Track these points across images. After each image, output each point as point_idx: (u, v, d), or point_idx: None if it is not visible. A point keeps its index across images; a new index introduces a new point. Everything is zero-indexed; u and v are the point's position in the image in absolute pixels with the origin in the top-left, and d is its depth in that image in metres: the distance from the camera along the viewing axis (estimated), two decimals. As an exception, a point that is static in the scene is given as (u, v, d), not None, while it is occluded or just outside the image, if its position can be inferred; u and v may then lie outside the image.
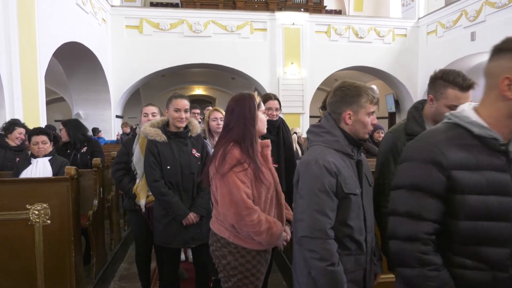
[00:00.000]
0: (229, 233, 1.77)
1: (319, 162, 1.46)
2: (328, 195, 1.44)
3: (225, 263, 1.77)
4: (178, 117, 2.43)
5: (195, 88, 17.75)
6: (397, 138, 1.76)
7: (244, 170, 1.69)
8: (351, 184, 1.49)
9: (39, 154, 3.17)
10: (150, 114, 2.83)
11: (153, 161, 2.39)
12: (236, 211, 1.66)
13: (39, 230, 2.57)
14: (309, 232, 1.44)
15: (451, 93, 1.64)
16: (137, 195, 2.65)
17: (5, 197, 2.53)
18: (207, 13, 11.63)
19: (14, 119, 4.12)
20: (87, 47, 8.92)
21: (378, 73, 13.01)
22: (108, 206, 3.90)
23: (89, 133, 4.04)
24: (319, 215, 1.43)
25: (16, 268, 2.54)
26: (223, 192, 1.71)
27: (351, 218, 1.49)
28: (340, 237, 1.48)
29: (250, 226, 1.66)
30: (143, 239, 2.87)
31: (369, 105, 1.52)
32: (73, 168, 2.70)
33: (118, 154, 2.88)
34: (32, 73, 6.25)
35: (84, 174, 3.31)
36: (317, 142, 1.57)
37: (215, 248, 1.83)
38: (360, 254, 1.54)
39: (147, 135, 2.43)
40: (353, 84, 1.55)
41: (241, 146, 1.72)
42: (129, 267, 3.84)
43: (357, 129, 1.54)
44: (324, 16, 13.40)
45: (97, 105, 10.69)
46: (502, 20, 9.20)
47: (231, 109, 1.80)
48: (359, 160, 1.58)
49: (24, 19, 5.92)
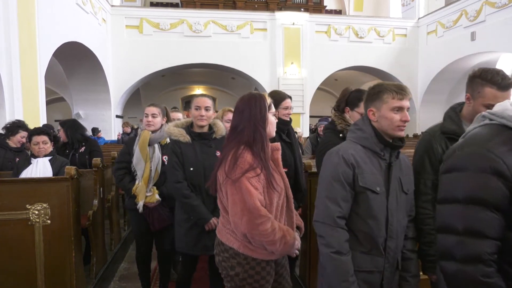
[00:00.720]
0: (238, 244, 1.66)
1: (339, 152, 1.51)
2: (341, 184, 1.47)
3: (233, 275, 1.67)
4: (198, 115, 2.34)
5: (195, 88, 17.75)
6: (432, 138, 1.74)
7: (257, 176, 1.58)
8: (369, 179, 1.48)
9: (40, 154, 3.17)
10: (150, 115, 2.76)
11: (176, 162, 2.31)
12: (249, 220, 1.55)
13: (39, 230, 2.57)
14: (319, 217, 1.49)
15: (488, 92, 1.58)
16: (137, 195, 2.64)
17: (5, 197, 2.53)
18: (207, 13, 11.64)
19: (20, 121, 4.05)
20: (87, 47, 8.92)
21: (378, 73, 13.01)
22: (108, 206, 3.90)
23: (87, 132, 4.04)
24: (330, 203, 1.47)
25: (16, 268, 2.53)
26: (234, 199, 1.58)
27: (370, 216, 1.48)
28: (355, 231, 1.50)
29: (264, 236, 1.55)
30: (143, 239, 2.85)
31: (392, 100, 1.50)
32: (73, 168, 2.69)
33: (120, 153, 2.86)
34: (32, 73, 6.25)
35: (84, 174, 3.30)
36: (350, 138, 1.61)
37: (222, 259, 1.72)
38: (378, 256, 1.51)
39: (170, 134, 2.36)
40: (379, 83, 1.58)
41: (253, 150, 1.62)
42: (129, 267, 3.84)
43: (383, 126, 1.52)
44: (324, 16, 13.40)
45: (97, 105, 10.70)
46: (502, 20, 9.19)
47: (241, 110, 1.69)
48: (390, 163, 1.55)
49: (24, 19, 5.92)
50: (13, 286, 2.54)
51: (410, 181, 1.62)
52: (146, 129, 2.76)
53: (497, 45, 9.35)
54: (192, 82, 16.84)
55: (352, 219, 1.49)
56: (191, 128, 2.41)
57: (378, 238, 1.49)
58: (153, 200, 2.67)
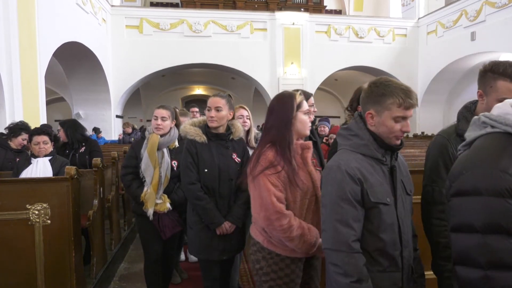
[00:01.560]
0: (263, 238, 1.71)
1: (341, 167, 1.32)
2: (351, 204, 1.30)
3: (258, 268, 1.72)
4: (209, 116, 2.26)
5: (195, 88, 17.75)
6: (447, 140, 1.57)
7: (277, 173, 1.61)
8: (379, 192, 1.33)
9: (40, 154, 3.17)
10: (160, 117, 2.62)
11: (190, 162, 2.21)
12: (265, 215, 1.60)
13: (39, 230, 2.56)
14: (331, 244, 1.31)
15: (501, 85, 1.43)
16: (145, 203, 2.51)
17: (5, 197, 2.52)
18: (207, 13, 11.64)
19: (23, 123, 4.03)
20: (87, 47, 8.92)
21: (378, 73, 12.99)
22: (108, 206, 3.90)
23: (87, 132, 4.03)
24: (342, 226, 1.29)
25: (16, 268, 2.53)
26: (254, 195, 1.67)
27: (383, 230, 1.33)
28: (370, 251, 1.33)
29: (280, 231, 1.58)
30: (153, 247, 2.65)
31: (396, 108, 1.31)
32: (73, 168, 2.69)
33: (127, 157, 2.72)
34: (32, 73, 6.26)
35: (84, 174, 3.30)
36: (344, 146, 1.43)
37: (252, 252, 1.78)
38: (395, 271, 1.37)
39: (186, 134, 2.27)
40: (385, 82, 1.36)
41: (277, 148, 1.65)
42: (129, 267, 3.84)
43: (381, 133, 1.36)
44: (324, 16, 13.41)
45: (97, 105, 10.70)
46: (502, 20, 9.20)
47: (271, 109, 1.73)
48: (393, 166, 1.41)
49: (24, 19, 5.92)
50: (13, 286, 2.54)
51: (410, 180, 1.51)
52: (155, 133, 2.61)
53: (497, 45, 9.35)
54: (192, 82, 16.83)
55: (364, 238, 1.32)
56: (207, 127, 2.30)
57: (394, 251, 1.35)
58: (164, 209, 2.54)
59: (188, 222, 2.32)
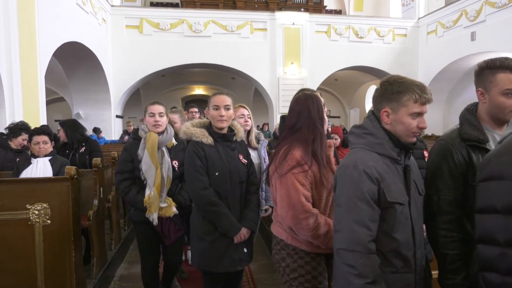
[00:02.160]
0: (286, 235, 1.73)
1: (358, 166, 1.30)
2: (368, 203, 1.28)
3: (284, 266, 1.73)
4: (218, 115, 2.10)
5: (195, 88, 17.75)
6: (452, 146, 1.47)
7: (304, 172, 1.64)
8: (396, 192, 1.31)
9: (40, 154, 3.17)
10: (157, 114, 2.47)
11: (200, 166, 2.05)
12: (293, 214, 1.61)
13: (39, 230, 2.56)
14: (346, 244, 1.28)
15: (502, 77, 1.41)
16: (148, 207, 2.35)
17: (5, 197, 2.53)
18: (207, 13, 11.64)
19: (24, 124, 4.03)
20: (87, 47, 8.92)
21: (378, 73, 13.01)
22: (108, 206, 3.90)
23: (87, 132, 4.04)
24: (358, 226, 1.27)
25: (16, 268, 2.53)
26: (281, 193, 1.67)
27: (397, 231, 1.31)
28: (384, 252, 1.31)
29: (307, 230, 1.61)
30: (152, 254, 2.55)
31: (413, 104, 1.30)
32: (73, 168, 2.69)
33: (121, 161, 2.52)
34: (32, 72, 6.25)
35: (84, 174, 3.30)
36: (358, 144, 1.40)
37: (275, 252, 1.78)
38: (408, 272, 1.35)
39: (192, 135, 2.12)
40: (398, 79, 1.35)
41: (306, 147, 1.68)
42: (129, 267, 3.84)
43: (398, 130, 1.34)
44: (324, 16, 13.40)
45: (97, 105, 10.69)
46: (502, 20, 9.20)
47: (298, 110, 1.77)
48: (407, 165, 1.39)
49: (24, 19, 5.92)
50: (13, 286, 2.54)
51: (421, 180, 1.48)
52: (153, 131, 2.46)
53: (497, 45, 9.35)
54: (192, 82, 16.83)
55: (379, 238, 1.30)
56: (211, 128, 2.18)
57: (408, 252, 1.33)
58: (170, 213, 2.40)
59: (197, 233, 2.11)
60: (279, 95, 11.68)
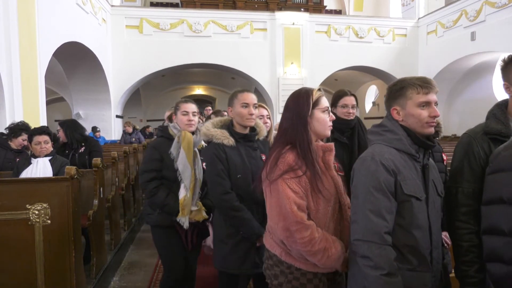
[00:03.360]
0: (280, 250, 1.53)
1: (375, 158, 1.32)
2: (384, 194, 1.28)
3: (277, 284, 1.54)
4: (248, 113, 2.02)
5: (195, 88, 17.74)
6: (473, 139, 1.49)
7: (297, 177, 1.44)
8: (412, 186, 1.32)
9: (41, 154, 3.17)
10: (191, 112, 2.34)
11: (221, 169, 1.97)
12: (284, 226, 1.43)
13: (39, 230, 2.56)
14: (362, 235, 1.27)
15: None
16: (181, 210, 2.23)
17: (5, 197, 2.52)
18: (207, 13, 11.64)
19: (24, 124, 4.01)
20: (87, 47, 8.92)
21: (378, 73, 13.01)
22: (108, 206, 3.90)
23: (87, 132, 4.04)
24: (374, 216, 1.26)
25: (16, 268, 2.53)
26: (271, 202, 1.49)
27: (415, 227, 1.30)
28: (400, 247, 1.30)
29: (301, 244, 1.41)
30: (179, 264, 2.35)
31: (416, 95, 1.35)
32: (73, 168, 2.69)
33: (148, 159, 2.34)
34: (32, 73, 6.25)
35: (84, 174, 3.30)
36: (377, 140, 1.42)
37: (267, 266, 1.60)
38: (425, 272, 1.33)
39: (212, 137, 2.01)
40: (401, 79, 1.43)
41: (297, 150, 1.49)
42: (129, 267, 3.84)
43: (411, 124, 1.38)
44: (324, 16, 13.40)
45: (97, 105, 10.70)
46: (502, 20, 9.19)
47: (286, 107, 1.59)
48: (426, 164, 1.40)
49: (24, 19, 5.92)
50: (13, 286, 2.54)
51: (441, 182, 1.47)
52: (186, 130, 2.33)
53: (497, 45, 9.35)
54: (192, 82, 16.83)
55: (395, 232, 1.29)
56: (232, 128, 2.07)
57: (425, 250, 1.32)
58: (200, 218, 2.29)
59: (220, 236, 2.07)
60: (279, 95, 11.68)
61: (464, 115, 11.33)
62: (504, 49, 9.16)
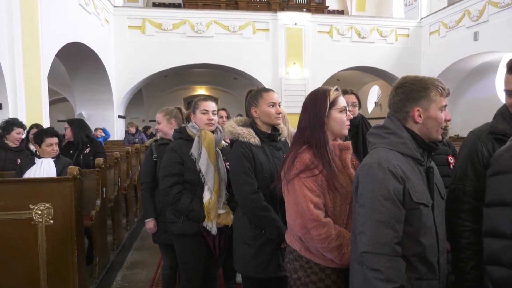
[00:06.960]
0: (300, 245, 1.58)
1: (382, 165, 1.24)
2: (394, 203, 1.21)
3: (296, 278, 1.58)
4: (276, 112, 2.00)
5: (197, 88, 17.77)
6: (478, 138, 1.48)
7: (314, 176, 1.48)
8: (421, 193, 1.27)
9: (52, 156, 3.20)
10: (211, 112, 2.25)
11: (249, 168, 1.93)
12: (301, 223, 1.48)
13: (42, 230, 2.57)
14: (372, 247, 1.20)
15: None
16: (207, 214, 2.12)
17: (8, 197, 2.53)
18: (210, 14, 11.64)
19: (12, 118, 3.99)
20: (90, 48, 8.94)
21: (381, 73, 12.98)
22: (111, 206, 3.91)
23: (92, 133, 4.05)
24: (384, 227, 1.20)
25: (19, 268, 2.54)
26: (289, 200, 1.55)
27: (423, 234, 1.26)
28: (408, 256, 1.24)
29: (318, 241, 1.46)
30: (198, 272, 2.27)
31: (440, 98, 1.30)
32: (76, 168, 2.70)
33: (169, 163, 2.21)
34: (35, 73, 6.28)
35: (87, 174, 3.31)
36: (380, 144, 1.34)
37: (288, 260, 1.65)
38: (433, 279, 1.29)
39: (239, 135, 1.98)
40: (416, 78, 1.34)
41: (314, 149, 1.53)
42: (131, 267, 3.85)
43: (429, 128, 1.31)
44: (326, 16, 13.38)
45: (99, 105, 10.72)
46: (505, 20, 9.15)
47: (304, 107, 1.62)
48: (430, 167, 1.36)
49: (27, 20, 5.94)
50: (16, 285, 2.55)
51: (442, 184, 1.44)
52: (206, 129, 2.25)
53: (500, 45, 9.31)
54: (194, 82, 16.86)
55: (403, 242, 1.23)
56: (256, 127, 2.04)
57: (433, 257, 1.28)
58: (228, 222, 2.16)
59: (243, 238, 1.99)
60: (281, 96, 11.66)
61: (467, 116, 11.28)
62: (507, 49, 9.12)
